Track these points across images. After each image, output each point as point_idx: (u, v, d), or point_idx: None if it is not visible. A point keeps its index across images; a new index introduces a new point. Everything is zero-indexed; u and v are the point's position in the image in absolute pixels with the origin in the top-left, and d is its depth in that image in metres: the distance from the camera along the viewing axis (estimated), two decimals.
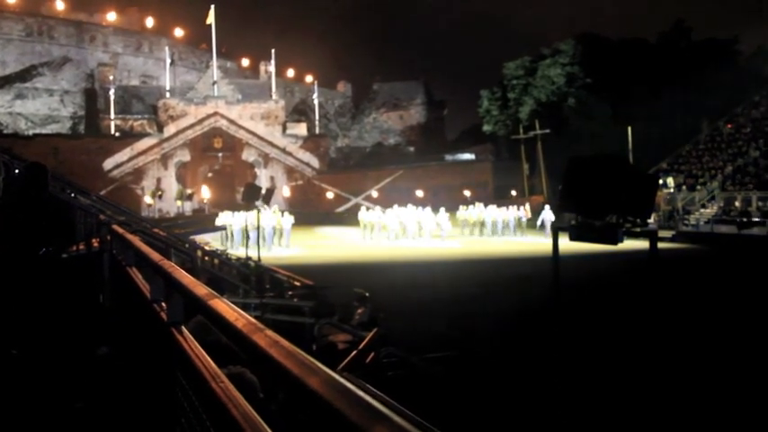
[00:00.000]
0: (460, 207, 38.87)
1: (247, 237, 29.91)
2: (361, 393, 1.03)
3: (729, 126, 44.88)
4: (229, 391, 1.89)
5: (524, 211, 38.27)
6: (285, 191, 55.59)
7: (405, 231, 35.16)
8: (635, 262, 17.64)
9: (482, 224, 37.48)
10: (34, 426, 4.35)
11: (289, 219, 32.86)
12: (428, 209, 35.93)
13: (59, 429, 4.42)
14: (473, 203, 39.56)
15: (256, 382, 2.77)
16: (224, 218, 33.27)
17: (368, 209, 38.16)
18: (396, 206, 37.14)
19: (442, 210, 35.87)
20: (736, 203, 35.23)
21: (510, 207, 38.44)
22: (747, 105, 45.94)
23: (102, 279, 7.46)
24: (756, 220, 31.95)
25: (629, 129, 41.31)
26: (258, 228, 21.80)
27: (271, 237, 31.43)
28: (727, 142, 43.21)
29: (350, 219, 47.98)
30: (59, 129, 61.60)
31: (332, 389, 1.09)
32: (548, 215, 34.74)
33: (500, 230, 36.96)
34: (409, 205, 37.15)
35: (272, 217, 32.14)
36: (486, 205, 38.88)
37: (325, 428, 1.04)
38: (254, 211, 29.99)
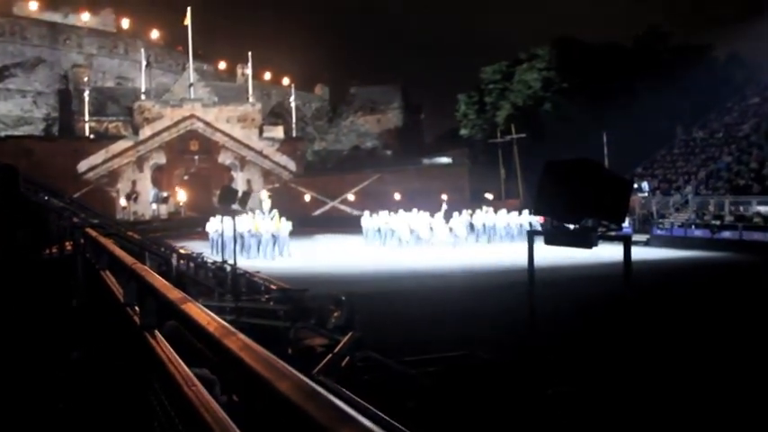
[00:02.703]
0: (463, 211, 35.23)
1: (242, 245, 28.32)
2: (329, 396, 1.05)
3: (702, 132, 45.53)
4: (202, 395, 1.89)
5: (538, 217, 35.53)
6: (262, 194, 55.37)
7: (416, 238, 31.64)
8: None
9: (492, 230, 34.49)
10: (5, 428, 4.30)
11: (286, 225, 29.77)
12: (439, 214, 32.98)
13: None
14: (480, 208, 36.59)
15: (215, 380, 2.77)
16: (215, 223, 28.99)
17: (371, 214, 34.70)
18: (401, 211, 33.88)
19: (456, 214, 33.41)
20: (710, 208, 35.69)
21: (522, 212, 35.63)
22: (720, 111, 46.60)
23: (75, 282, 7.39)
24: (729, 224, 32.39)
25: (605, 133, 41.70)
26: (234, 234, 21.49)
27: (270, 245, 28.70)
28: (701, 147, 43.79)
29: (335, 223, 47.43)
30: (32, 130, 60.88)
31: (301, 392, 1.10)
32: None
33: (515, 236, 33.13)
34: (414, 209, 33.98)
35: (271, 223, 29.44)
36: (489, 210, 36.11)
37: (296, 430, 1.05)
38: (250, 217, 28.92)
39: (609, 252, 10.22)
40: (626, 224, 25.32)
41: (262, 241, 28.74)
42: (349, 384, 6.67)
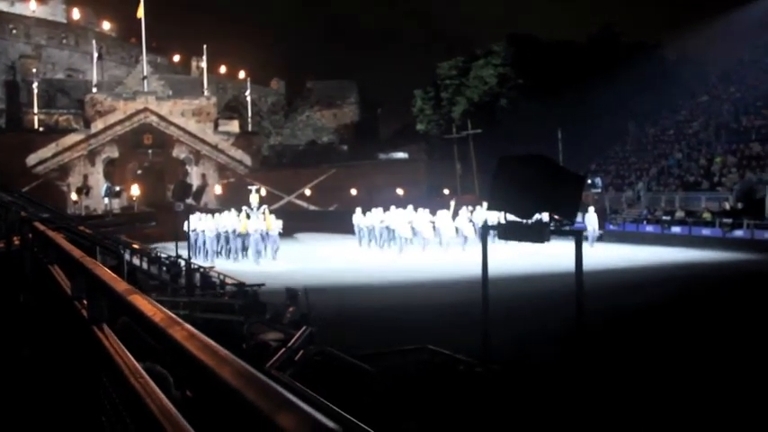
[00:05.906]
0: (464, 208, 30.67)
1: (227, 246, 25.85)
2: (270, 382, 1.05)
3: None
4: (149, 386, 1.88)
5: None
6: (217, 189, 54.90)
7: (419, 238, 27.86)
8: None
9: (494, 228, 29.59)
10: None
11: (277, 223, 25.91)
12: (445, 212, 28.92)
13: None
14: (480, 204, 31.91)
15: (166, 374, 2.75)
16: (194, 222, 24.95)
17: (364, 212, 30.04)
18: (393, 208, 29.42)
19: (462, 212, 29.56)
20: (661, 204, 36.44)
21: None
22: (671, 109, 47.57)
23: (23, 278, 7.24)
24: (679, 219, 33.11)
25: (559, 129, 42.23)
26: (197, 231, 21.14)
27: (258, 245, 25.32)
28: (653, 144, 44.66)
29: (295, 218, 46.12)
30: None
31: (243, 379, 1.10)
32: (592, 219, 29.30)
33: None
34: (409, 206, 29.40)
35: (260, 221, 25.83)
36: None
37: (237, 417, 1.06)
38: (235, 215, 27.11)
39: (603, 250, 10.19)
40: (579, 219, 25.65)
41: (248, 242, 25.81)
42: (303, 379, 6.67)
